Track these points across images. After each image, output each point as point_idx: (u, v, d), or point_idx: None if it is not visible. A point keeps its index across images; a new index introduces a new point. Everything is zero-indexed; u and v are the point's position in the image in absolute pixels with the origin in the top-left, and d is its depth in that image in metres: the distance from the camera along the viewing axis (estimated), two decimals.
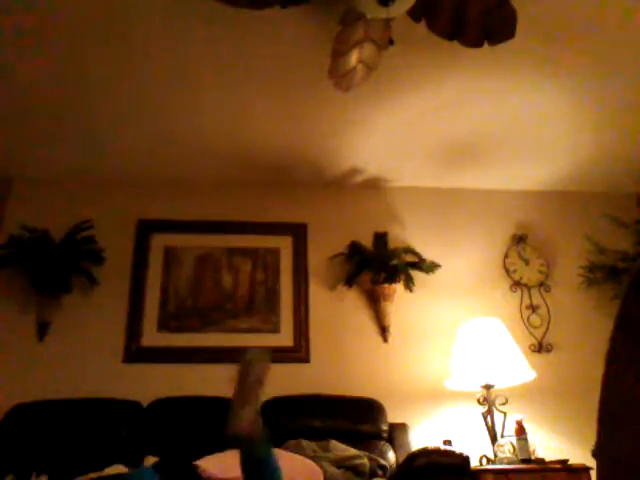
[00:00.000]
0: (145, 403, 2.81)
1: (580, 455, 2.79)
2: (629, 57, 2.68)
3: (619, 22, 2.47)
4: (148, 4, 2.29)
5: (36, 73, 2.66)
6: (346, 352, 3.25)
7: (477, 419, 3.01)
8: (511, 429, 2.80)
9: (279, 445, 2.46)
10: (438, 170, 3.59)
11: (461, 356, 3.00)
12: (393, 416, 2.94)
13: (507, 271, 3.58)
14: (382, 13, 1.97)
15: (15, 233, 3.17)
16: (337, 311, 3.36)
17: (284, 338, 3.25)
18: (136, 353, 3.12)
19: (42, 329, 3.08)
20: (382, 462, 2.56)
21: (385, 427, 2.85)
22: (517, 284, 3.55)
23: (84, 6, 2.29)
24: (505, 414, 2.92)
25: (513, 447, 2.72)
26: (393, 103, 2.95)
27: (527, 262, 3.59)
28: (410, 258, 3.42)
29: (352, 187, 3.70)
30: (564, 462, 2.64)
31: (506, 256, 3.62)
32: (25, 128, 3.06)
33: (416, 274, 3.36)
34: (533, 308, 3.49)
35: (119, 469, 2.36)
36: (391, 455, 2.73)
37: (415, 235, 3.59)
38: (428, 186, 3.75)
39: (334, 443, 2.59)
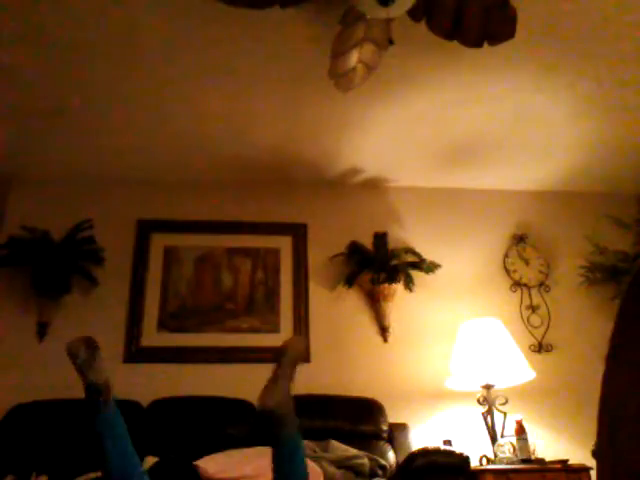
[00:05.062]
0: (145, 403, 2.81)
1: (580, 455, 2.79)
2: (629, 57, 2.68)
3: (619, 22, 2.46)
4: (148, 5, 2.29)
5: (36, 74, 2.66)
6: (346, 352, 3.25)
7: (477, 419, 3.01)
8: (511, 429, 2.80)
9: None
10: (438, 170, 3.59)
11: (461, 356, 3.00)
12: (393, 416, 2.94)
13: (507, 271, 3.58)
14: (382, 13, 1.97)
15: (15, 233, 3.17)
16: (337, 311, 3.36)
17: (284, 338, 3.21)
18: (136, 353, 3.12)
19: (42, 329, 3.08)
20: (382, 462, 2.56)
21: (385, 427, 2.85)
22: (517, 284, 3.55)
23: (84, 7, 2.29)
24: (505, 414, 2.92)
25: (513, 447, 2.72)
26: (393, 103, 2.95)
27: (527, 262, 3.59)
28: (410, 258, 3.41)
29: (352, 187, 3.70)
30: (564, 462, 2.64)
31: (506, 256, 3.62)
32: (25, 128, 3.06)
33: (416, 274, 3.36)
34: (533, 308, 3.49)
35: None
36: (391, 455, 2.73)
37: (415, 235, 3.59)
38: (428, 186, 3.74)
39: (334, 443, 2.59)
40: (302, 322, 3.28)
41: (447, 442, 2.73)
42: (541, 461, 2.67)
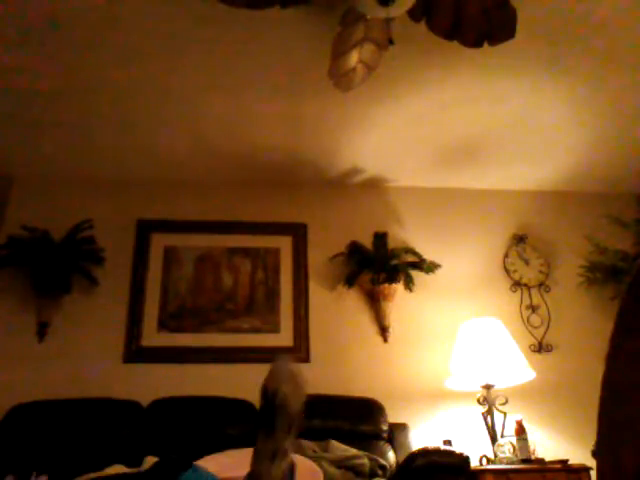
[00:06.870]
0: (145, 403, 2.81)
1: (580, 455, 2.79)
2: (629, 58, 2.68)
3: (619, 22, 2.47)
4: (146, 5, 2.29)
5: (36, 74, 2.66)
6: (346, 352, 3.25)
7: (477, 419, 3.01)
8: (511, 429, 2.80)
9: None
10: (438, 170, 3.59)
11: (461, 356, 3.00)
12: (393, 416, 2.94)
13: (507, 271, 3.58)
14: (382, 13, 1.97)
15: (15, 233, 3.17)
16: (337, 311, 3.36)
17: (284, 338, 3.25)
18: (136, 353, 3.12)
19: (42, 329, 3.08)
20: (382, 462, 2.56)
21: (385, 427, 2.85)
22: (517, 284, 3.55)
23: (83, 8, 2.29)
24: (505, 414, 2.92)
25: (513, 447, 2.72)
26: (393, 103, 2.95)
27: (527, 262, 3.59)
28: (410, 258, 3.41)
29: (352, 187, 3.70)
30: (564, 462, 2.64)
31: (506, 256, 3.62)
32: (25, 128, 3.06)
33: (416, 274, 3.36)
34: (533, 308, 3.49)
35: (119, 469, 2.36)
36: (391, 455, 2.73)
37: (415, 235, 3.59)
38: (428, 186, 3.74)
39: (334, 443, 2.59)
40: (302, 322, 3.28)
41: (447, 442, 2.73)
42: (541, 461, 2.67)
